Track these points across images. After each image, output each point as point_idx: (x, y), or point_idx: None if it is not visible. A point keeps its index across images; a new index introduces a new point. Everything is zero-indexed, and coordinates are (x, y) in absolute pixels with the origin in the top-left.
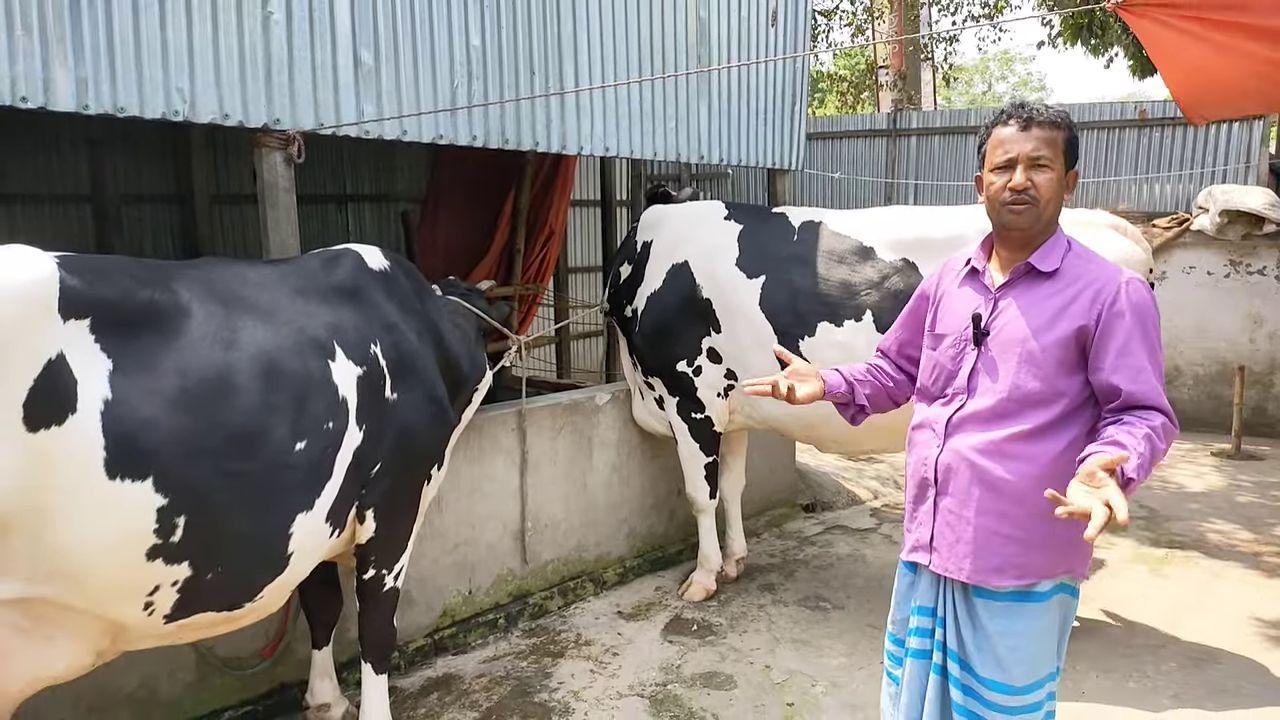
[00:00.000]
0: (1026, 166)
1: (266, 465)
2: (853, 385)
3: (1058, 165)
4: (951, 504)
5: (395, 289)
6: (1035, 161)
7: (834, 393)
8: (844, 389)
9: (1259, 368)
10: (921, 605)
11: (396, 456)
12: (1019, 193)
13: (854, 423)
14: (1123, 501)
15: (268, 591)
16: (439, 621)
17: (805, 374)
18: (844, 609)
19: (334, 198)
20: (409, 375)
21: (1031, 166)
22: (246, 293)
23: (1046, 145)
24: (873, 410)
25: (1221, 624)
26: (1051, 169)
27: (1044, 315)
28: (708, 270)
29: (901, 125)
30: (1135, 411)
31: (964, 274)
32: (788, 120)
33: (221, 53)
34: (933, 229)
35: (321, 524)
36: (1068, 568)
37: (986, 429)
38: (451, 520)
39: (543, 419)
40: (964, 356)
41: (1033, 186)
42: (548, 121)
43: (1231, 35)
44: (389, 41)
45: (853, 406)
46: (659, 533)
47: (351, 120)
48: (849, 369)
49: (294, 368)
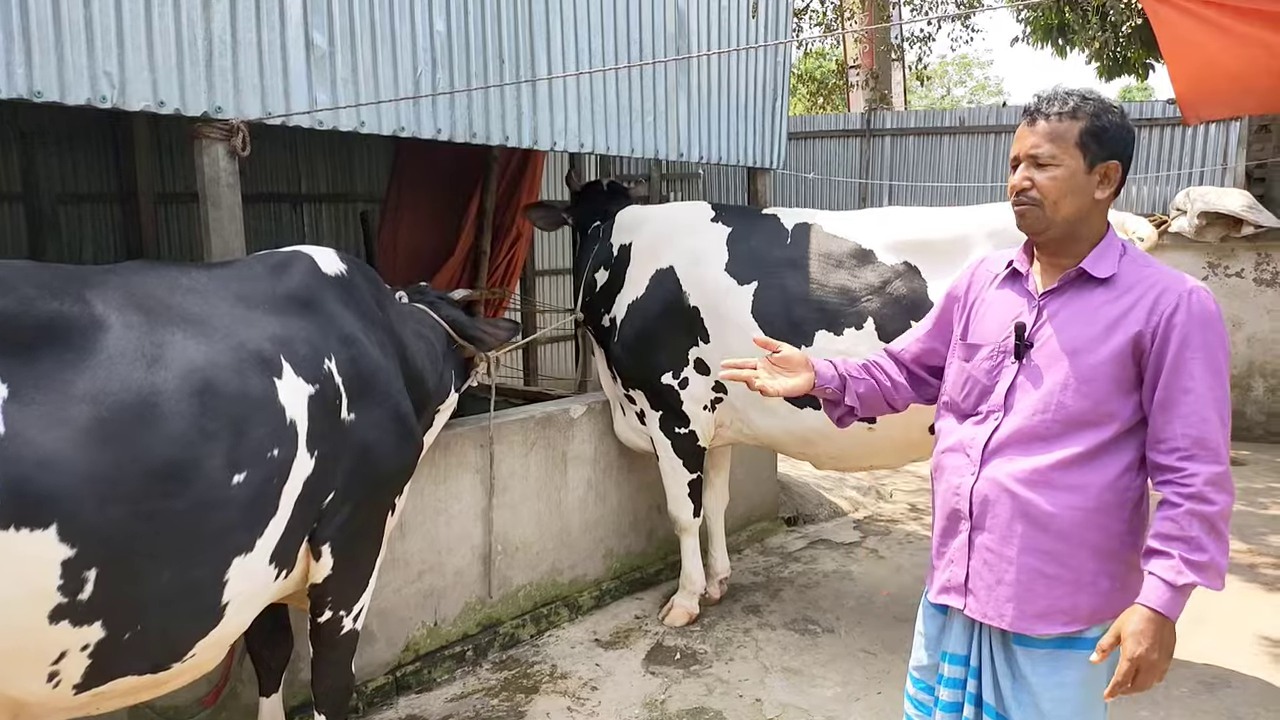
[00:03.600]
0: (1028, 165)
1: (196, 503)
2: (845, 381)
3: (1067, 160)
4: (990, 541)
5: (353, 296)
6: (1035, 160)
7: (824, 386)
8: (835, 384)
9: (1237, 371)
10: (954, 653)
11: (356, 484)
12: (1019, 193)
13: (840, 425)
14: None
15: (201, 649)
16: (401, 657)
17: (794, 363)
18: (834, 632)
19: (288, 196)
20: (370, 393)
21: (1032, 165)
22: (176, 301)
23: (1050, 140)
24: (863, 412)
25: (1229, 643)
26: (1057, 165)
27: (1097, 326)
28: (695, 276)
29: (876, 125)
30: (1181, 474)
31: (1004, 276)
32: (768, 117)
33: (155, 33)
34: (936, 230)
35: (264, 567)
36: (1115, 611)
37: (1029, 454)
38: (416, 546)
39: (513, 434)
40: (1002, 370)
41: (1033, 186)
42: (518, 114)
43: (1254, 24)
44: (344, 24)
45: (841, 406)
46: (638, 552)
47: (303, 109)
48: (844, 362)
49: (231, 388)
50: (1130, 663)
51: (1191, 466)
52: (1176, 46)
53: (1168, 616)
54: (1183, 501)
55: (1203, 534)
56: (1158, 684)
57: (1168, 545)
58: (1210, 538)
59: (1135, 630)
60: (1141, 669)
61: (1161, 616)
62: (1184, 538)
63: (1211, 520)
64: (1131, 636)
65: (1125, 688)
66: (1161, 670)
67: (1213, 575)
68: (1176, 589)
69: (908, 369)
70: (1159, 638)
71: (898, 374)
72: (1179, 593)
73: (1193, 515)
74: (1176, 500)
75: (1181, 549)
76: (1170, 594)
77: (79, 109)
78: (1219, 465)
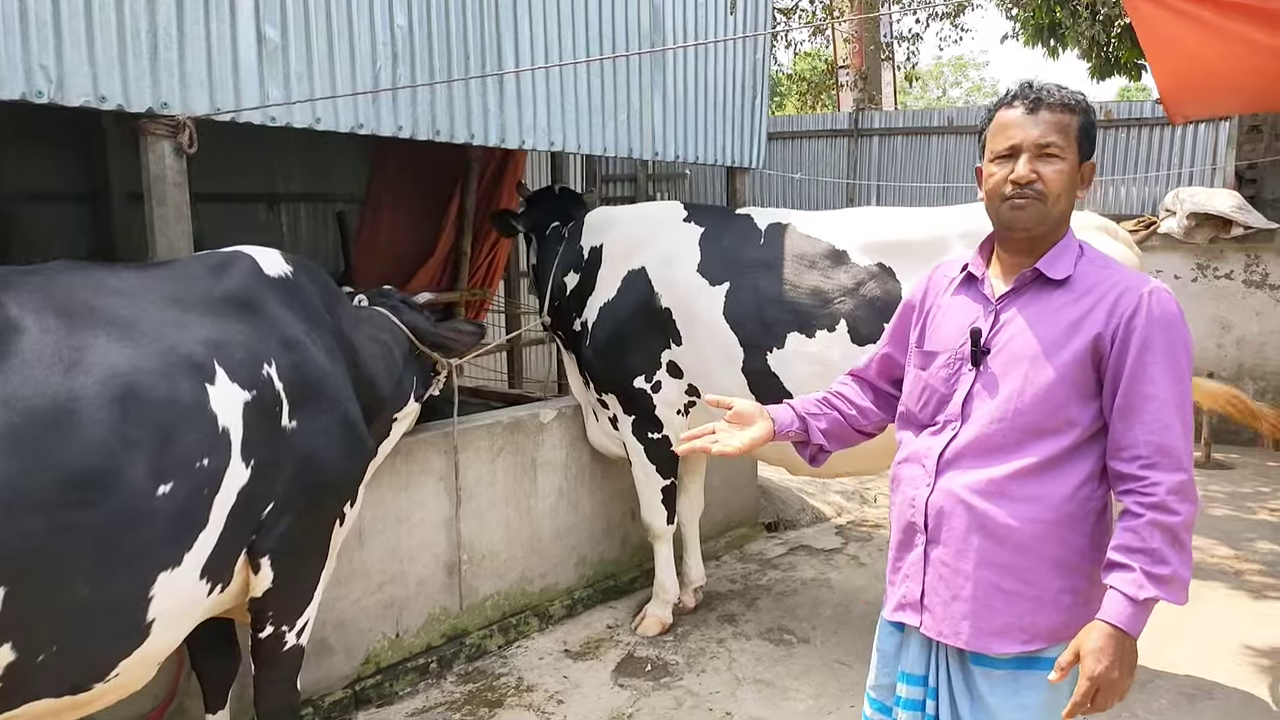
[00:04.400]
0: (1032, 156)
1: (117, 515)
2: (806, 421)
3: (1070, 155)
4: (946, 554)
5: (298, 298)
6: (1043, 150)
7: (785, 432)
8: (796, 426)
9: (1226, 373)
10: (911, 673)
11: (298, 494)
12: (1022, 186)
13: (814, 463)
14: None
15: (126, 668)
16: (361, 670)
17: (748, 415)
18: (809, 642)
19: (264, 197)
20: (314, 399)
21: (1038, 156)
22: (101, 303)
23: (1057, 131)
24: (835, 447)
25: (1211, 653)
26: (1062, 159)
27: (1055, 330)
28: (667, 277)
29: (863, 125)
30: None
31: (959, 281)
32: (747, 116)
33: (96, 25)
34: (911, 231)
35: (194, 581)
36: (1077, 630)
37: (986, 464)
38: (376, 555)
39: (479, 439)
40: (959, 378)
41: (1039, 179)
42: (485, 111)
43: (1233, 18)
44: (299, 17)
45: (810, 446)
46: (611, 560)
47: (254, 104)
48: (801, 402)
49: (158, 394)
50: (1090, 681)
51: (1154, 475)
52: (1157, 42)
53: (1128, 633)
54: (1145, 512)
55: (1165, 546)
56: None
57: (1129, 558)
58: (1173, 550)
59: (1095, 647)
60: (1102, 688)
61: (1122, 633)
62: (1146, 550)
63: (1174, 531)
64: (1091, 654)
65: (1085, 708)
66: (1123, 689)
67: (1176, 589)
68: (1138, 604)
69: (874, 387)
70: (1120, 655)
71: (862, 398)
72: (1141, 608)
73: (1155, 526)
74: (1138, 510)
75: (1143, 561)
76: (1131, 609)
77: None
78: (1182, 473)
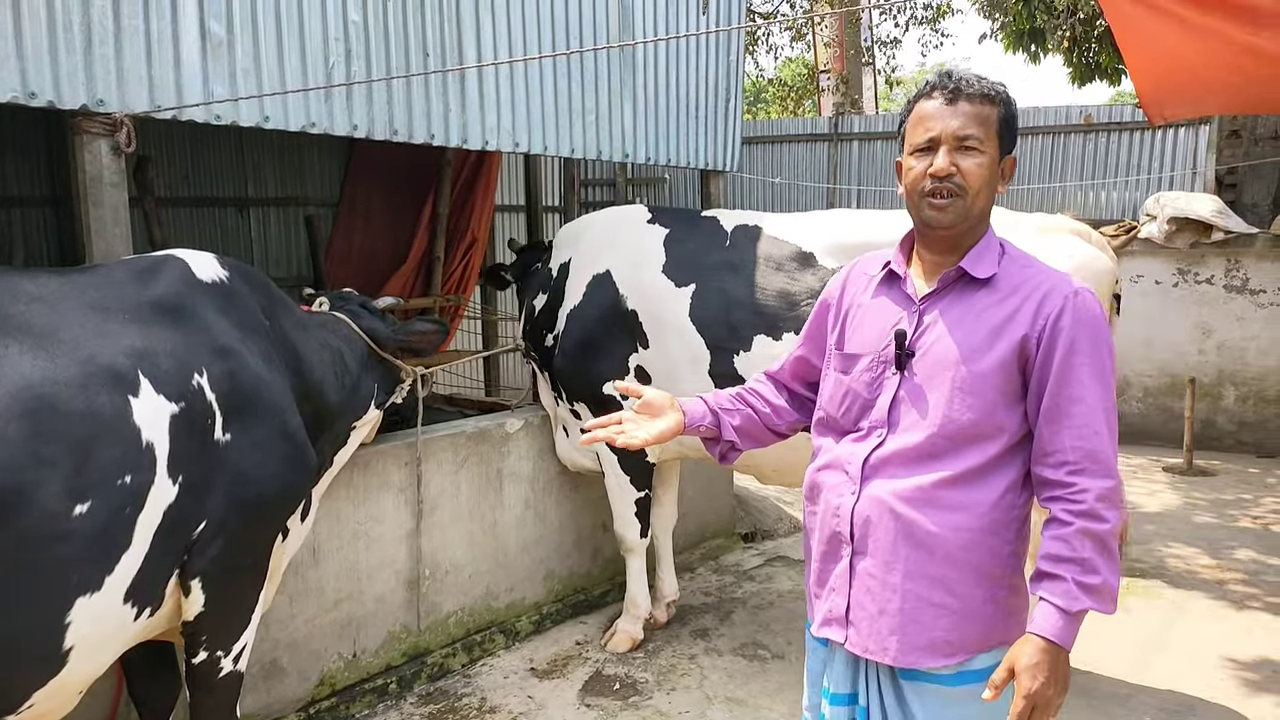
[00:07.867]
0: (951, 148)
1: (27, 537)
2: (719, 416)
3: (990, 148)
4: (873, 566)
5: (233, 304)
6: (962, 143)
7: (695, 426)
8: (708, 420)
9: (1208, 379)
10: (836, 693)
11: (233, 511)
12: (941, 180)
13: (724, 461)
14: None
15: (41, 698)
16: (315, 692)
17: (658, 406)
18: (784, 658)
19: (234, 201)
20: (250, 410)
21: (957, 149)
22: (16, 311)
23: (977, 123)
24: (746, 445)
25: (1194, 667)
26: (982, 152)
27: (981, 331)
28: (632, 279)
29: (843, 129)
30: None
31: (880, 280)
32: (721, 119)
33: (24, 17)
34: (878, 233)
35: (118, 606)
36: (1002, 638)
37: (914, 471)
38: (331, 572)
39: (443, 450)
40: (883, 382)
41: (958, 173)
42: (445, 111)
43: (1210, 15)
44: (245, 12)
45: (721, 442)
46: (582, 573)
47: (197, 101)
48: (714, 397)
49: (74, 407)
50: (1026, 700)
51: (1082, 481)
52: (1133, 39)
53: (1062, 646)
54: (1073, 520)
55: (1095, 554)
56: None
57: (1059, 568)
58: (1103, 558)
59: (1030, 664)
60: (1038, 705)
61: (1056, 646)
62: (1076, 559)
63: (1104, 539)
64: (1026, 671)
65: None
66: (1056, 705)
67: (1105, 598)
68: (1070, 615)
69: (788, 389)
70: (1054, 670)
71: (776, 397)
72: (1073, 619)
73: (1085, 534)
74: (1066, 518)
75: (1074, 571)
76: (1064, 621)
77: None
78: (1110, 480)
